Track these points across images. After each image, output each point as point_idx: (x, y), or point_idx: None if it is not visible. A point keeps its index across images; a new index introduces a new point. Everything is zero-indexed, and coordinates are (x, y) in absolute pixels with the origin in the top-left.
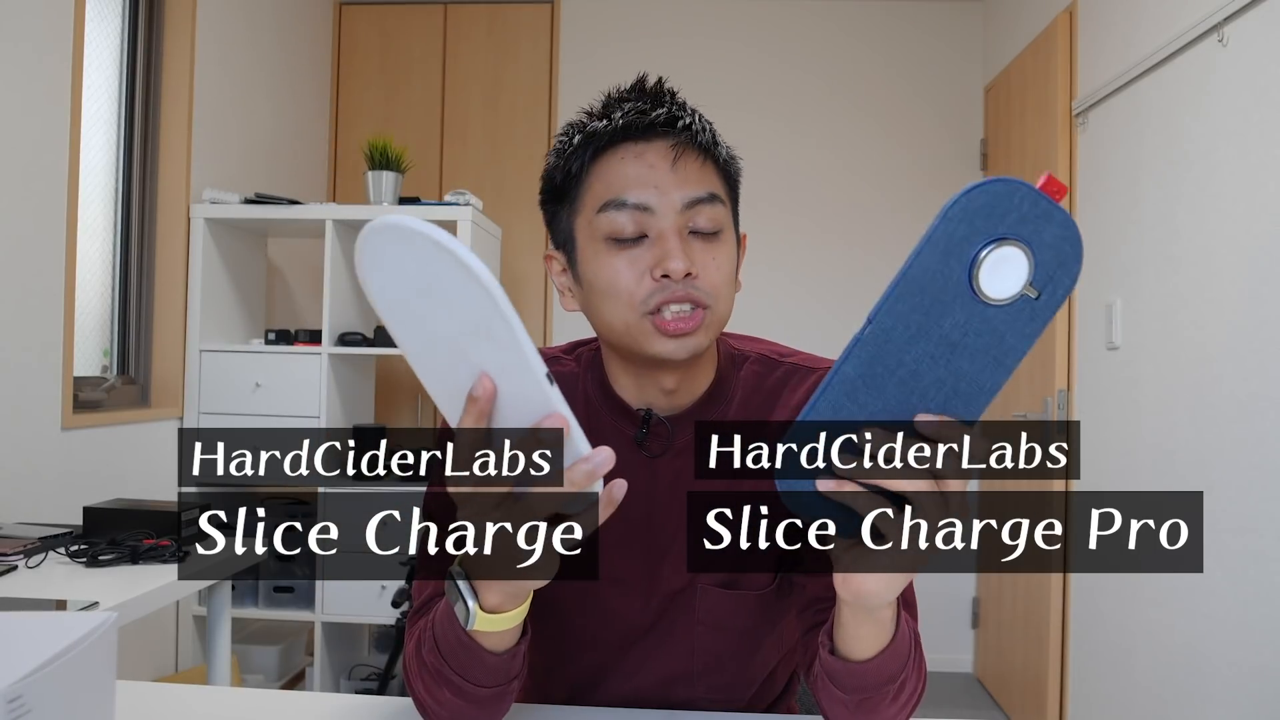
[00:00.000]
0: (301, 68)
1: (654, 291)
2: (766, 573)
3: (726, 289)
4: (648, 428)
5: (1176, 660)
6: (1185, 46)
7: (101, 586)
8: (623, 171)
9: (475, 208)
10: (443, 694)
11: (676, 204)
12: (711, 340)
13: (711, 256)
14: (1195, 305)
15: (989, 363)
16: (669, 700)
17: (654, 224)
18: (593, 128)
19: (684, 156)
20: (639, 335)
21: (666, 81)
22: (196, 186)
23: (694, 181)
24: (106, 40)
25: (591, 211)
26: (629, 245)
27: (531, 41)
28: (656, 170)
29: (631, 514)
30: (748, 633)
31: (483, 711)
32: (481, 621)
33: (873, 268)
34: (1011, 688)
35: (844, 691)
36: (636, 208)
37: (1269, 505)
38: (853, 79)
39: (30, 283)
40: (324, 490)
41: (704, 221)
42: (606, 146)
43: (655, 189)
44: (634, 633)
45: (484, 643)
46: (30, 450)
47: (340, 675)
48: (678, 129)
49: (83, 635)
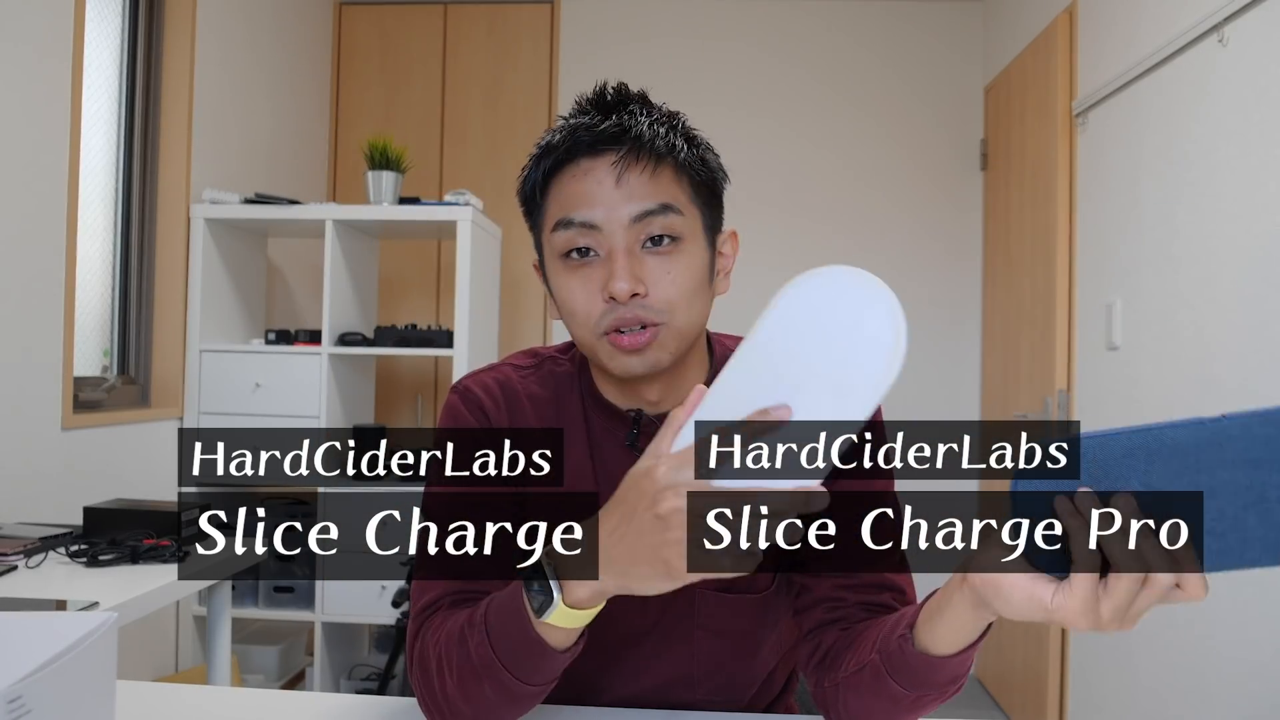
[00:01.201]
0: (301, 68)
1: (605, 313)
2: (765, 574)
3: (685, 300)
4: (638, 428)
5: (1176, 660)
6: (1185, 46)
7: (101, 586)
8: (572, 189)
9: (475, 208)
10: (481, 689)
11: (624, 219)
12: (674, 353)
13: (666, 270)
14: (1195, 305)
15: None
16: (669, 703)
17: (603, 241)
18: (547, 143)
19: (630, 170)
20: (599, 353)
21: (625, 87)
22: (196, 186)
23: (642, 194)
24: (106, 40)
25: (549, 229)
26: (581, 264)
27: (531, 41)
28: (603, 186)
29: None
30: (747, 635)
31: (515, 709)
32: (559, 616)
33: (872, 268)
34: (1011, 688)
35: (907, 688)
36: (584, 226)
37: None
38: (852, 79)
39: (30, 283)
40: (324, 490)
41: (657, 232)
42: (560, 164)
43: (602, 206)
44: (632, 636)
45: (549, 638)
46: (30, 450)
47: (340, 675)
48: (627, 140)
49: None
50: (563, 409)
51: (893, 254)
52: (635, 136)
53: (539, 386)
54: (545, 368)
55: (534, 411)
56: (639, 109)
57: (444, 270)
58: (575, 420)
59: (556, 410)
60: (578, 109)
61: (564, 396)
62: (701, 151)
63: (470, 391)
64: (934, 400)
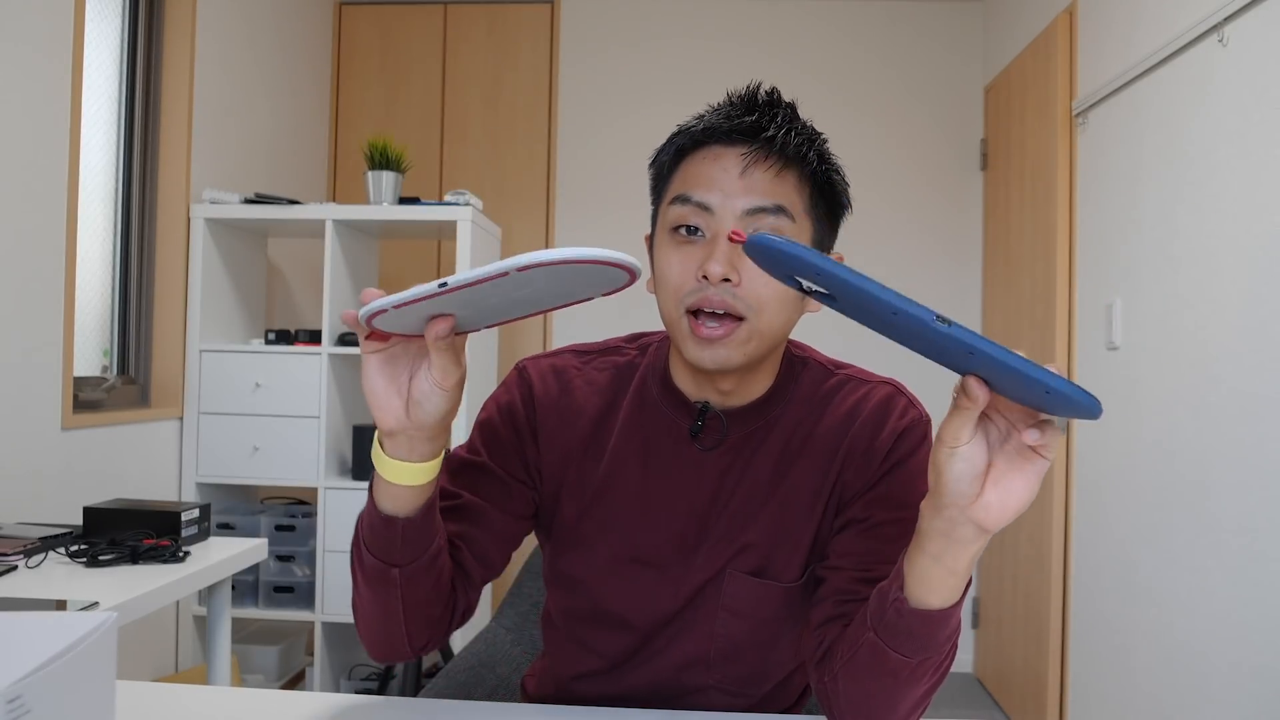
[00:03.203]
0: (301, 68)
1: (694, 290)
2: (796, 566)
3: (775, 302)
4: (703, 420)
5: (1176, 660)
6: (1185, 46)
7: (101, 586)
8: (698, 170)
9: (475, 208)
10: (357, 580)
11: (737, 209)
12: (750, 355)
13: None
14: (1195, 305)
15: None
16: (682, 686)
17: (712, 224)
18: (686, 126)
19: (756, 165)
20: (678, 332)
21: (777, 92)
22: (196, 186)
23: (762, 190)
24: (106, 40)
25: (667, 202)
26: (687, 240)
27: (531, 41)
28: (728, 174)
29: (676, 503)
30: (768, 623)
31: (382, 591)
32: (388, 469)
33: (872, 268)
34: (1011, 688)
35: (907, 654)
36: (699, 205)
37: (1269, 505)
38: (852, 79)
39: (30, 283)
40: (324, 490)
41: (765, 231)
42: (693, 145)
43: (720, 191)
44: (662, 618)
45: (391, 505)
46: (30, 450)
47: (340, 675)
48: (759, 138)
49: (82, 635)
50: (618, 395)
51: (893, 254)
52: (769, 137)
53: (597, 372)
54: (608, 356)
55: (586, 397)
56: (783, 115)
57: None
58: (630, 408)
59: (612, 397)
60: (727, 101)
61: (622, 384)
62: (831, 171)
63: (526, 372)
64: (934, 399)
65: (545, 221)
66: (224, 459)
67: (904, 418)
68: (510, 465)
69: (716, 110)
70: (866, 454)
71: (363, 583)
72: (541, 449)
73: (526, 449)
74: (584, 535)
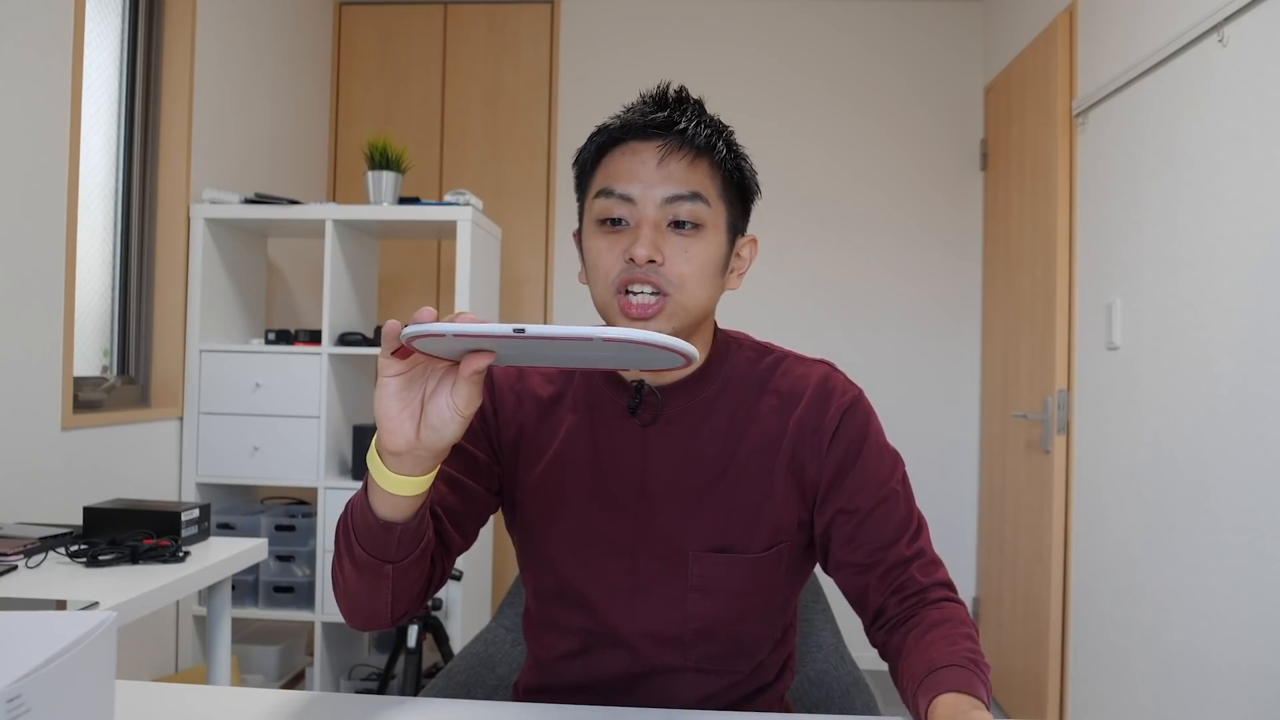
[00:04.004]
0: (301, 68)
1: (622, 270)
2: (759, 537)
3: (695, 278)
4: (639, 398)
5: (1176, 660)
6: (1185, 46)
7: (101, 586)
8: (619, 165)
9: (475, 208)
10: (342, 564)
11: (657, 198)
12: (676, 328)
13: (684, 249)
14: (1195, 305)
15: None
16: (659, 667)
17: (635, 213)
18: (604, 124)
19: (671, 156)
20: (611, 313)
21: (685, 90)
22: (196, 186)
23: (678, 180)
24: (106, 40)
25: (592, 197)
26: (613, 230)
27: (531, 41)
28: (646, 166)
29: (625, 479)
30: (738, 597)
31: (373, 581)
32: (384, 479)
33: (872, 268)
34: (1011, 688)
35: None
36: (621, 197)
37: (1269, 505)
38: (853, 79)
39: (30, 283)
40: (324, 490)
41: (683, 216)
42: (612, 142)
43: (640, 183)
44: (623, 594)
45: (384, 508)
46: (30, 450)
47: (340, 675)
48: (672, 132)
49: (82, 635)
50: (568, 380)
51: (893, 254)
52: (681, 130)
53: None
54: None
55: (540, 382)
56: (692, 110)
57: (444, 270)
58: (579, 390)
59: (563, 382)
60: (640, 100)
61: (571, 370)
62: (739, 159)
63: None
64: (934, 400)
65: (545, 222)
66: (224, 459)
67: (845, 395)
68: (478, 443)
69: (631, 109)
70: (816, 431)
71: (350, 568)
72: (502, 428)
73: (489, 429)
74: (542, 512)
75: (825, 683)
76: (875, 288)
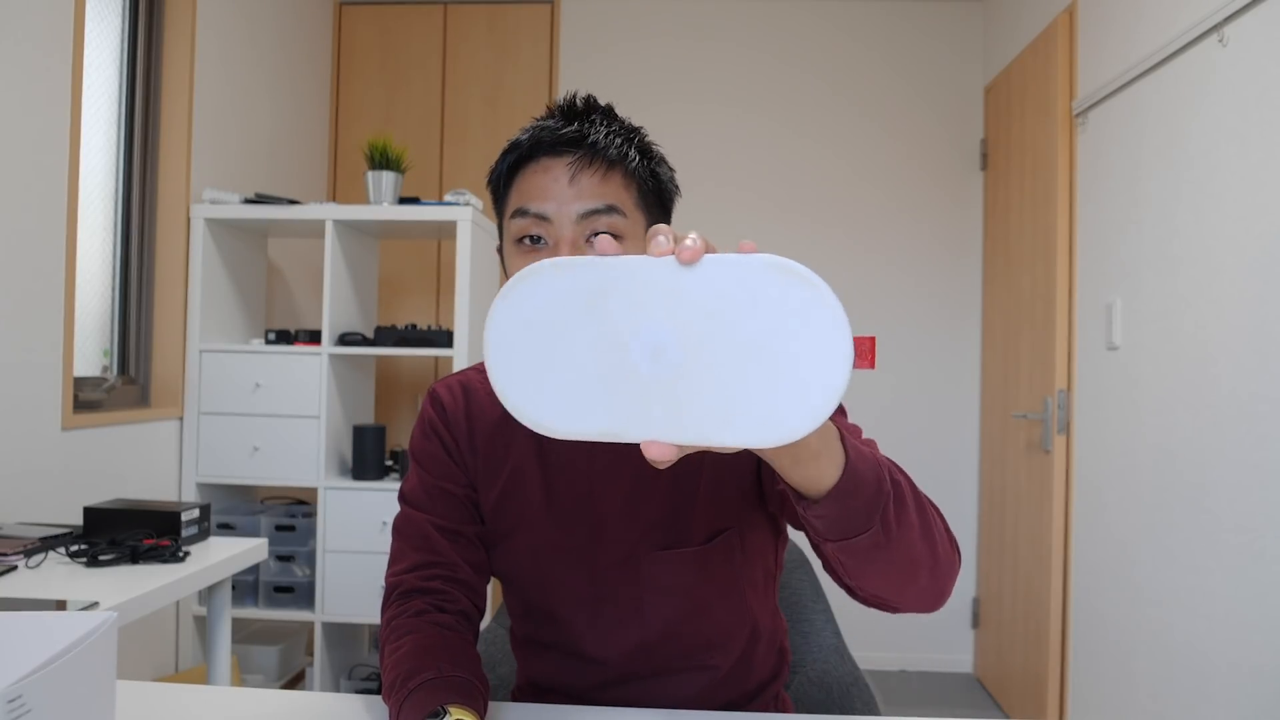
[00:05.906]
0: (301, 68)
1: None
2: (700, 529)
3: None
4: None
5: (1176, 660)
6: (1185, 46)
7: (101, 586)
8: (531, 183)
9: (475, 208)
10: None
11: (572, 215)
12: None
13: None
14: (1195, 305)
15: None
16: (639, 672)
17: (553, 232)
18: (515, 140)
19: (584, 171)
20: None
21: (593, 99)
22: (196, 186)
23: (591, 194)
24: (106, 40)
25: (509, 216)
26: (532, 249)
27: (531, 41)
28: (558, 183)
29: (574, 489)
30: (691, 591)
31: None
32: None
33: (872, 268)
34: (1011, 688)
35: (864, 528)
36: (537, 216)
37: (1269, 505)
38: (853, 79)
39: (30, 283)
40: (324, 490)
41: (601, 229)
42: (524, 159)
43: (554, 200)
44: (585, 604)
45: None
46: (30, 450)
47: (340, 675)
48: (583, 146)
49: (82, 635)
50: None
51: (893, 253)
52: (592, 143)
53: None
54: None
55: (489, 404)
56: (600, 119)
57: (444, 270)
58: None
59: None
60: (548, 114)
61: None
62: (654, 165)
63: (435, 393)
64: (934, 399)
65: None
66: (224, 459)
67: None
68: (454, 476)
69: (541, 124)
70: None
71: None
72: (465, 455)
73: (454, 458)
74: (504, 531)
75: (825, 683)
76: (875, 287)
